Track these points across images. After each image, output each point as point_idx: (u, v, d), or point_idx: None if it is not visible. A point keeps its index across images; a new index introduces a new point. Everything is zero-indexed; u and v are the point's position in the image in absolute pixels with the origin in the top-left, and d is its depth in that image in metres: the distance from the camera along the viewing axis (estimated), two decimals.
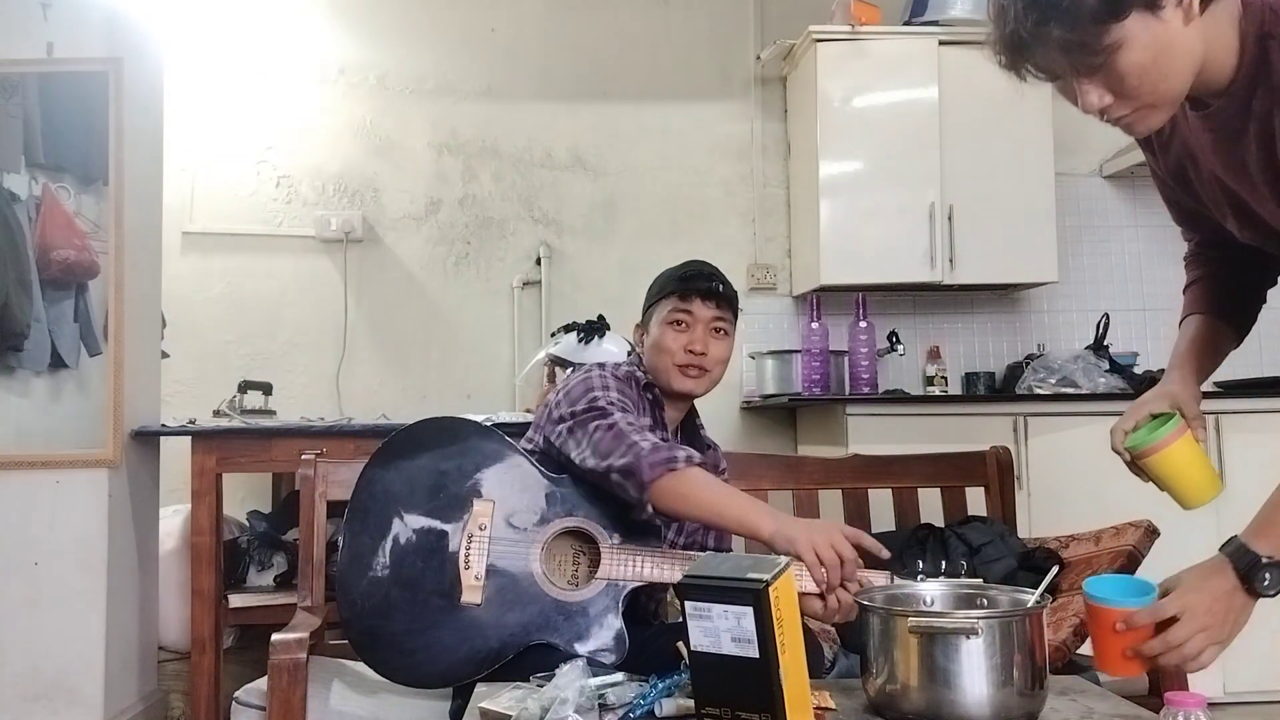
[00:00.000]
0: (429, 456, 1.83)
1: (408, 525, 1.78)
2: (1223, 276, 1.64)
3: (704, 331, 1.93)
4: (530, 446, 1.90)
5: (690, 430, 2.05)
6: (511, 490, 1.80)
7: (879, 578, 1.63)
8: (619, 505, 1.78)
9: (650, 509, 1.71)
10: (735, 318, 2.00)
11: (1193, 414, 1.53)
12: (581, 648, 1.72)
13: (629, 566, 1.75)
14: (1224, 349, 1.64)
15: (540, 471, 1.82)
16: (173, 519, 3.18)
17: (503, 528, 1.78)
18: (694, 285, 1.94)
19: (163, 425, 2.96)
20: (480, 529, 1.77)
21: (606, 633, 1.74)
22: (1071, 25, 1.21)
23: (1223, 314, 1.63)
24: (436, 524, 1.78)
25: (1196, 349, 1.61)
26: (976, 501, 2.52)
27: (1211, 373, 1.63)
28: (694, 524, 1.91)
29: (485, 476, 1.81)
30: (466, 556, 1.75)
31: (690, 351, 1.91)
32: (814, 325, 3.77)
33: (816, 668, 1.74)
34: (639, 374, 1.96)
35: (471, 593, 1.74)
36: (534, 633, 1.73)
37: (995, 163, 3.73)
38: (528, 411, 3.39)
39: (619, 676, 1.47)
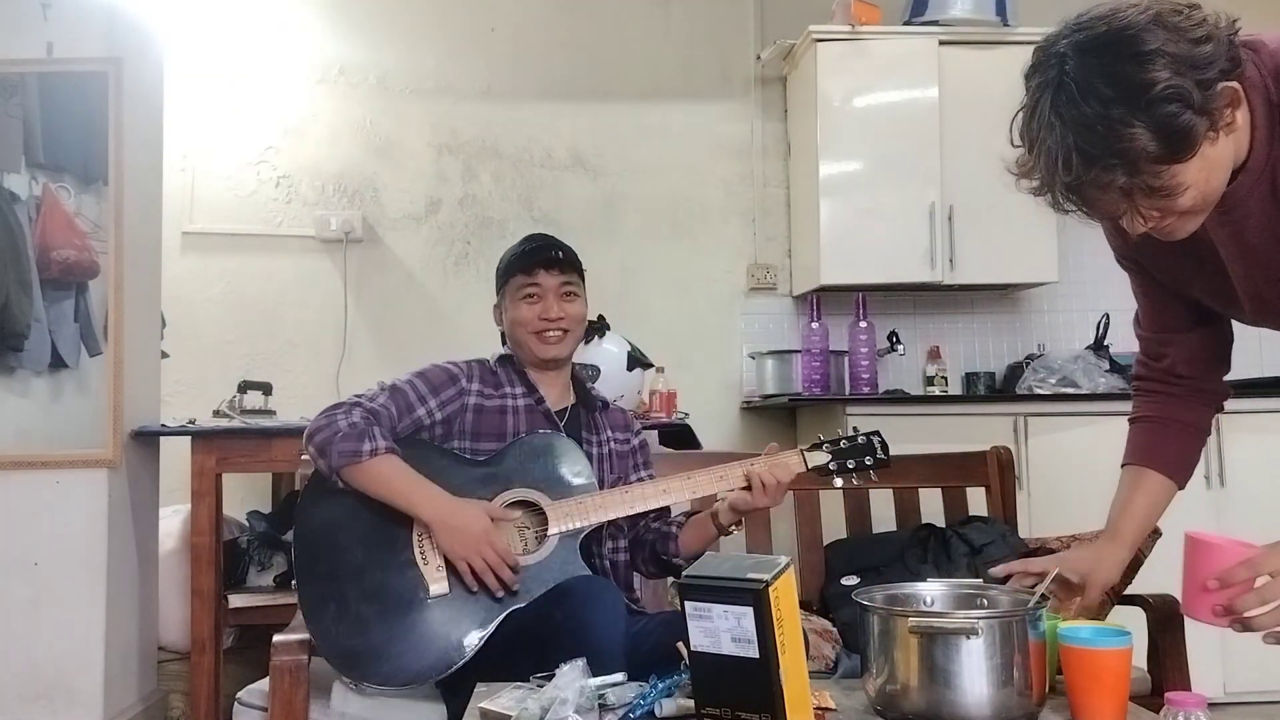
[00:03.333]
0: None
1: (357, 544, 1.86)
2: (1171, 417, 1.68)
3: (555, 299, 2.03)
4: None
5: (585, 397, 2.13)
6: (443, 483, 1.88)
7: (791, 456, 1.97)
8: (548, 467, 1.93)
9: (340, 484, 1.86)
10: (582, 278, 2.11)
11: (1084, 594, 1.55)
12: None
13: (576, 516, 1.89)
14: (1165, 505, 1.68)
15: (463, 459, 1.95)
16: (173, 519, 3.17)
17: None
18: (536, 258, 2.05)
19: (163, 425, 2.96)
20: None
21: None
22: (1134, 171, 1.18)
23: (1170, 468, 1.67)
24: (383, 535, 1.86)
25: (1138, 515, 1.66)
26: (977, 501, 2.52)
27: (1149, 530, 1.69)
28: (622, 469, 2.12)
29: None
30: (421, 554, 1.84)
31: (545, 319, 2.02)
32: (814, 325, 3.77)
33: None
34: (492, 357, 2.10)
35: (437, 584, 1.82)
36: (507, 601, 1.81)
37: (995, 163, 3.70)
38: None
39: (619, 677, 1.47)
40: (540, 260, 2.05)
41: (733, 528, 1.99)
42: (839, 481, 2.02)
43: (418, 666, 1.78)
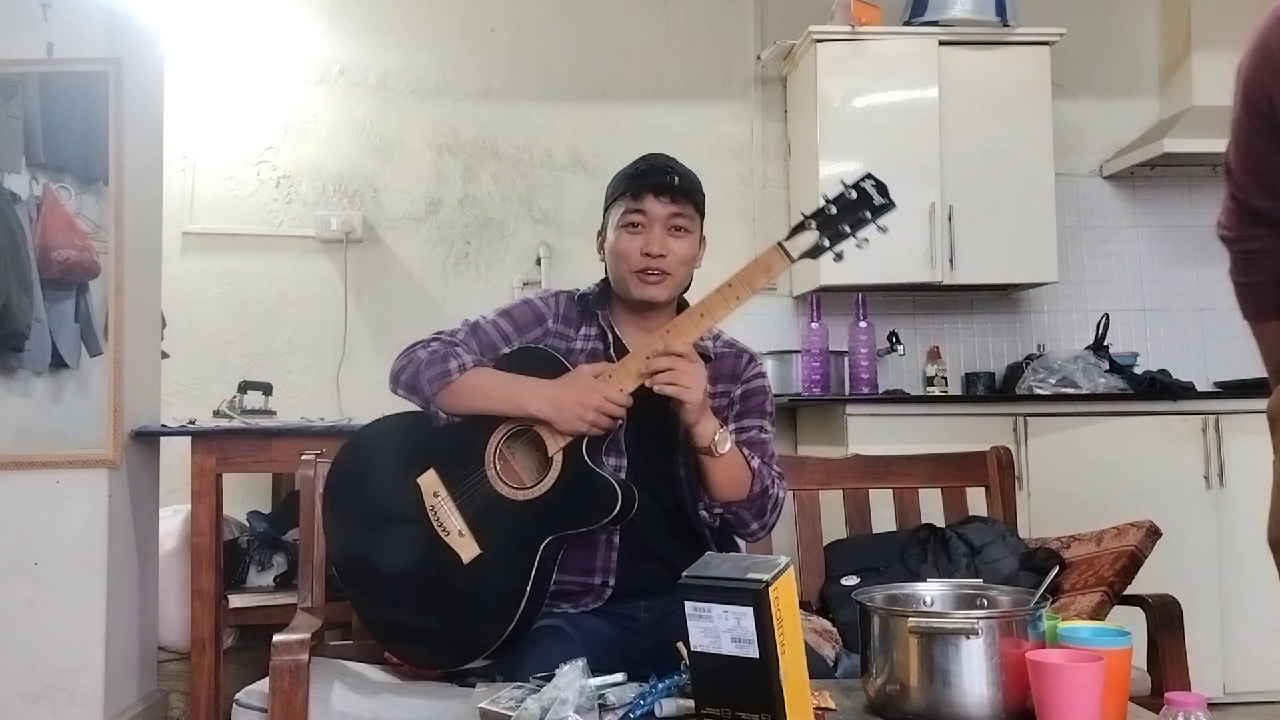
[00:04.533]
0: (356, 482, 1.86)
1: (381, 543, 1.82)
2: (1267, 269, 1.63)
3: (661, 231, 1.80)
4: None
5: (701, 351, 1.83)
6: (437, 446, 1.80)
7: None
8: None
9: (441, 414, 1.77)
10: (700, 212, 1.86)
11: None
12: (589, 515, 1.73)
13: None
14: None
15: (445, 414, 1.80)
16: (173, 519, 3.17)
17: (453, 481, 1.78)
18: (646, 182, 1.81)
19: (163, 425, 2.96)
20: (436, 496, 1.77)
21: (596, 489, 1.73)
22: None
23: None
24: (404, 526, 1.79)
25: None
26: (977, 502, 2.52)
27: None
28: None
29: (408, 454, 1.82)
30: (440, 525, 1.76)
31: (647, 255, 1.79)
32: (814, 325, 3.77)
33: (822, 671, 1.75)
34: (581, 291, 1.92)
35: (468, 548, 1.75)
36: (543, 532, 1.72)
37: (995, 163, 3.73)
38: None
39: (619, 677, 1.47)
40: (651, 185, 1.80)
41: (717, 437, 1.70)
42: (841, 249, 1.72)
43: (489, 633, 1.72)
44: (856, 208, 1.72)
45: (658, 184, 1.80)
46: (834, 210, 1.72)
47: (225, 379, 3.66)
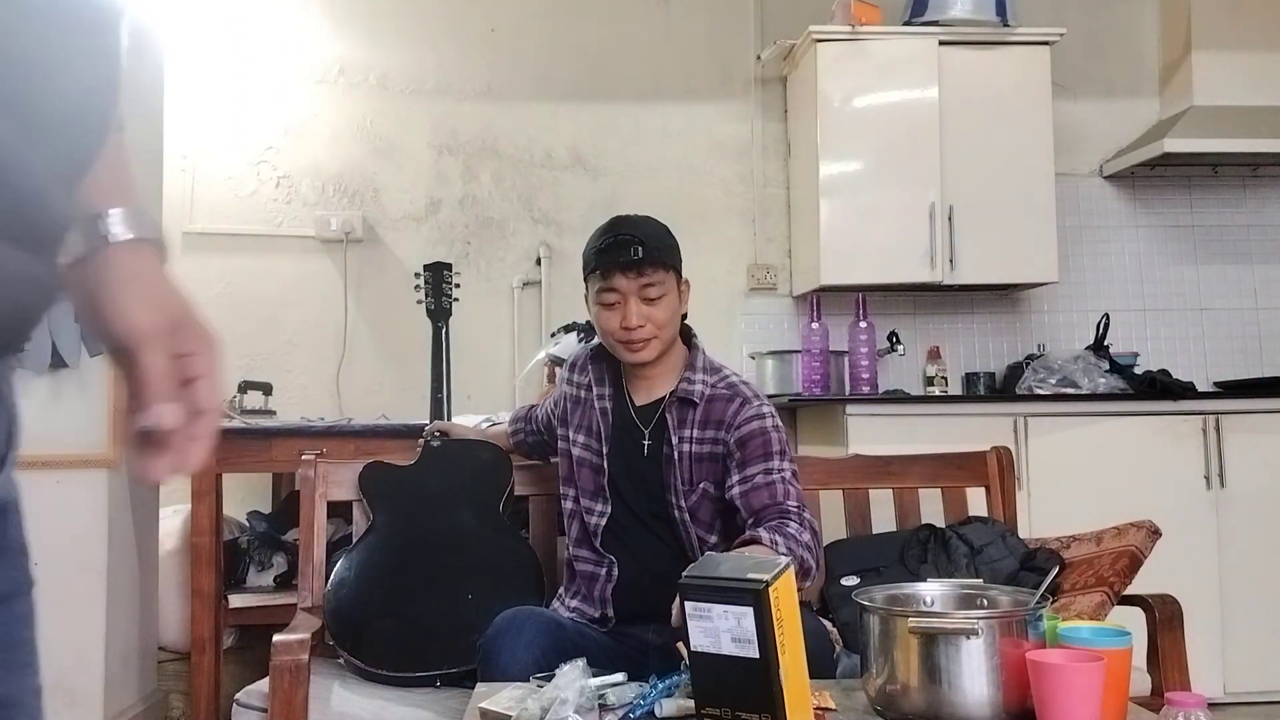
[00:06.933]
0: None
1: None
2: None
3: (636, 303, 1.86)
4: None
5: (687, 389, 1.93)
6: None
7: None
8: None
9: None
10: (670, 267, 1.89)
11: None
12: None
13: None
14: None
15: None
16: (173, 519, 3.17)
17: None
18: (611, 259, 1.86)
19: None
20: None
21: None
22: None
23: None
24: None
25: None
26: (977, 502, 2.52)
27: None
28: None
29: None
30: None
31: (625, 328, 1.87)
32: (814, 325, 3.77)
33: (827, 668, 1.74)
34: (596, 343, 2.09)
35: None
36: None
37: (995, 163, 3.73)
38: None
39: (619, 677, 1.47)
40: (616, 263, 1.85)
41: None
42: None
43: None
44: None
45: (623, 262, 1.85)
46: None
47: (225, 379, 3.66)
